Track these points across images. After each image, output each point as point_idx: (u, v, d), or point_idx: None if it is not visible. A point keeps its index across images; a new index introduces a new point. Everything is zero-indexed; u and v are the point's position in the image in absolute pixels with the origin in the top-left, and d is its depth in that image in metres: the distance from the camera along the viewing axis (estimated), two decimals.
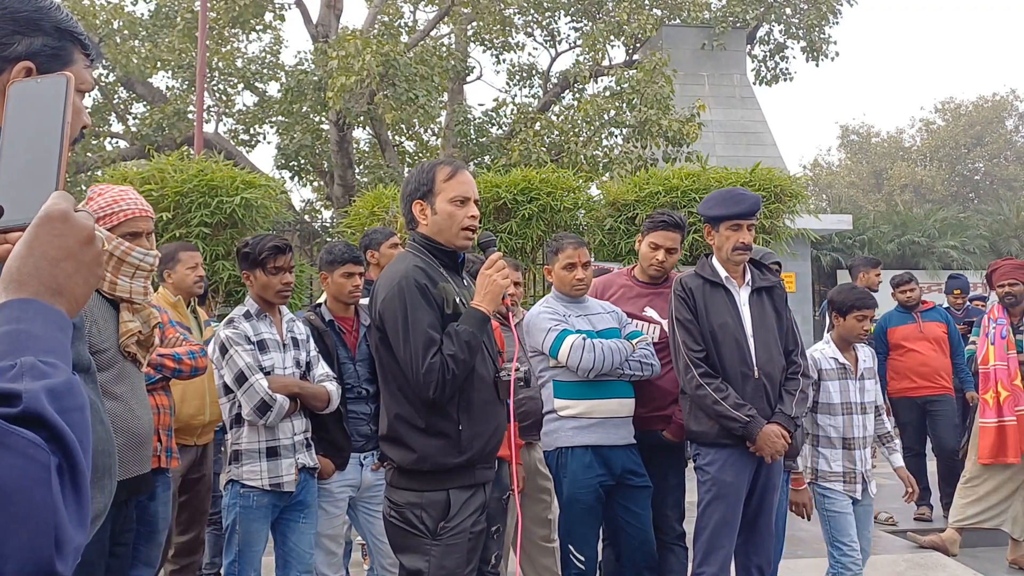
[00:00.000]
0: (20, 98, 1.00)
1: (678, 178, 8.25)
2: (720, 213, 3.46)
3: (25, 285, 0.86)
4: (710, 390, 3.29)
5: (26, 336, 0.83)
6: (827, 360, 3.77)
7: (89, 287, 0.91)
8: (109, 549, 2.53)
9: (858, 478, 3.71)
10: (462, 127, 14.38)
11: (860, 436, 3.72)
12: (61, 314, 0.87)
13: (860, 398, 3.75)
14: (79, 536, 0.77)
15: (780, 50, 17.34)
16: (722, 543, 3.32)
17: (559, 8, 16.60)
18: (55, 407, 0.78)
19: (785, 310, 3.54)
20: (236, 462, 3.18)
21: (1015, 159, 31.54)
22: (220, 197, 7.12)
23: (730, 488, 3.33)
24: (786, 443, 3.31)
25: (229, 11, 13.95)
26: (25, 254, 0.87)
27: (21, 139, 0.96)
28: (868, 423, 3.77)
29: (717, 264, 3.49)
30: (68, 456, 0.77)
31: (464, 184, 2.51)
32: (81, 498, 0.78)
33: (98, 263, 0.92)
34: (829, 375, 3.75)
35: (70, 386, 0.82)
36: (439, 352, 2.34)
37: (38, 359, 0.81)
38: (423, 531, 2.37)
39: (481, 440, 2.43)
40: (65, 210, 0.89)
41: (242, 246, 3.36)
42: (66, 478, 0.76)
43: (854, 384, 3.75)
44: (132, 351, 2.57)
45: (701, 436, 3.40)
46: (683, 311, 3.43)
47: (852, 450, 3.71)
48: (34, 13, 1.30)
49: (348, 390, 3.48)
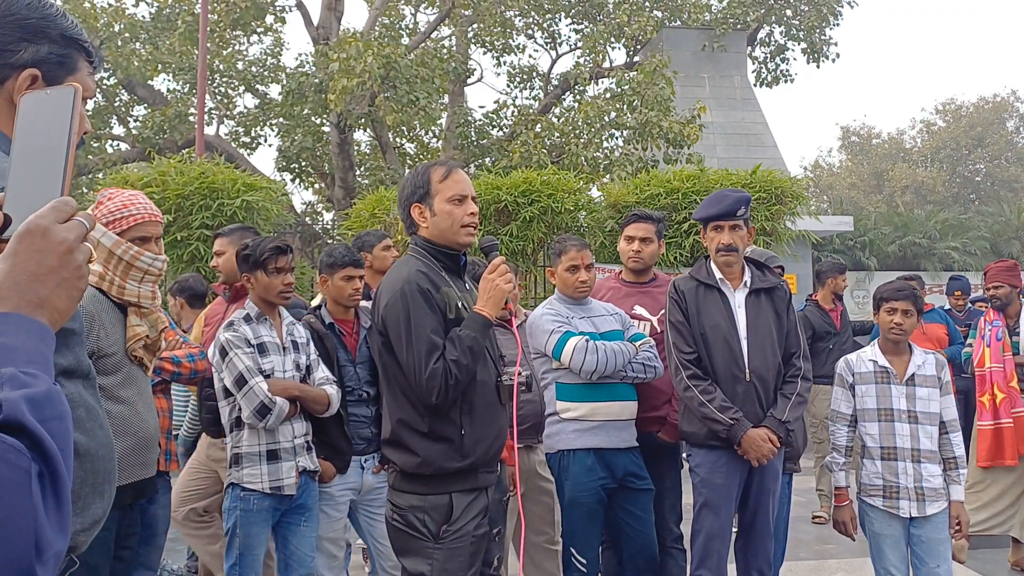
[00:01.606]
0: (30, 109, 1.02)
1: (679, 180, 8.25)
2: (702, 215, 3.49)
3: (6, 299, 0.88)
4: (697, 392, 3.29)
5: (7, 348, 0.84)
6: (864, 363, 3.48)
7: (71, 299, 0.93)
8: (114, 552, 2.53)
9: (903, 493, 3.32)
10: (463, 129, 14.39)
11: (905, 447, 3.33)
12: (43, 326, 0.89)
13: (906, 405, 3.36)
14: (59, 542, 0.77)
15: (781, 51, 17.35)
16: (717, 545, 3.31)
17: (560, 10, 16.61)
18: (35, 415, 0.79)
19: (787, 312, 3.50)
20: (236, 465, 3.17)
21: (1016, 160, 31.52)
22: (221, 199, 7.13)
23: (720, 491, 3.32)
24: (774, 447, 3.27)
25: (230, 13, 13.96)
26: (6, 269, 0.89)
27: (30, 149, 0.98)
28: (922, 435, 3.33)
29: (712, 266, 3.49)
30: (48, 463, 0.78)
31: (459, 182, 2.51)
32: (62, 505, 0.79)
33: (80, 276, 0.93)
34: (865, 379, 3.46)
35: (50, 395, 0.84)
36: (442, 357, 2.34)
37: (19, 370, 0.83)
38: (426, 534, 2.37)
39: (484, 444, 2.43)
40: (45, 226, 0.90)
41: (242, 248, 3.36)
42: (47, 485, 0.77)
43: (897, 389, 3.39)
44: (139, 355, 2.57)
45: (692, 437, 3.41)
46: (675, 313, 3.43)
47: (893, 461, 3.34)
48: (41, 21, 1.31)
49: (348, 393, 3.48)
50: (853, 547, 5.61)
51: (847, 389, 3.52)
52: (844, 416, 3.51)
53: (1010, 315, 5.22)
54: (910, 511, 3.32)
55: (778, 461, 3.41)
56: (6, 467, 0.74)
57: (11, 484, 0.74)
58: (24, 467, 0.75)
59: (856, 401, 3.47)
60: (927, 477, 3.33)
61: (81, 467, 1.27)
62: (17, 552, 0.73)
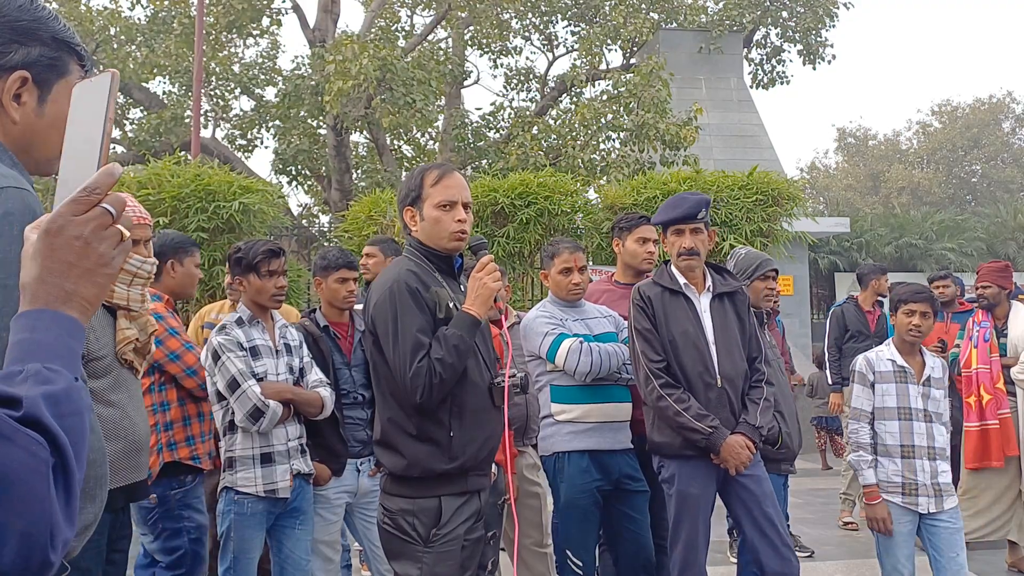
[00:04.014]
0: (77, 99, 1.05)
1: (675, 181, 8.26)
2: (661, 219, 3.41)
3: (37, 297, 0.94)
4: (671, 401, 3.18)
5: (35, 344, 0.91)
6: (883, 362, 3.51)
7: (99, 286, 0.97)
8: (106, 556, 2.53)
9: (921, 490, 3.39)
10: (459, 131, 14.39)
11: (923, 445, 3.40)
12: (71, 320, 0.94)
13: (923, 405, 3.43)
14: (68, 532, 0.84)
15: (777, 53, 17.37)
16: (697, 557, 3.24)
17: (556, 12, 16.62)
18: (53, 412, 0.85)
19: (747, 316, 3.42)
20: (230, 469, 3.16)
21: (1012, 161, 31.59)
22: (217, 202, 7.11)
23: (697, 501, 3.23)
24: (751, 453, 3.20)
25: (226, 16, 13.97)
26: (32, 268, 0.95)
27: (76, 139, 1.03)
28: (936, 433, 3.43)
29: (675, 271, 3.39)
30: (62, 458, 0.84)
31: (450, 188, 2.47)
32: (71, 498, 0.85)
33: (103, 263, 0.96)
34: (885, 377, 3.48)
35: (69, 392, 0.89)
36: (427, 356, 2.33)
37: (44, 365, 0.89)
38: (415, 538, 2.36)
39: (474, 446, 2.41)
40: (60, 225, 0.94)
41: (234, 251, 3.34)
42: (60, 478, 0.84)
43: (915, 389, 3.45)
44: (129, 358, 2.57)
45: (664, 447, 3.29)
46: (642, 320, 3.32)
47: (912, 459, 3.39)
48: (32, 23, 1.30)
49: (344, 395, 3.48)
50: (850, 547, 5.62)
51: (868, 387, 3.52)
52: (866, 413, 3.51)
53: (999, 316, 5.22)
54: (928, 507, 3.39)
55: (757, 467, 3.30)
56: (30, 457, 0.81)
57: (35, 473, 0.81)
58: (44, 458, 0.82)
59: (876, 399, 3.49)
60: (941, 474, 3.43)
61: None
62: (36, 534, 0.80)
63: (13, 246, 1.14)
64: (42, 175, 1.38)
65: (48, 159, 1.35)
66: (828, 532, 6.02)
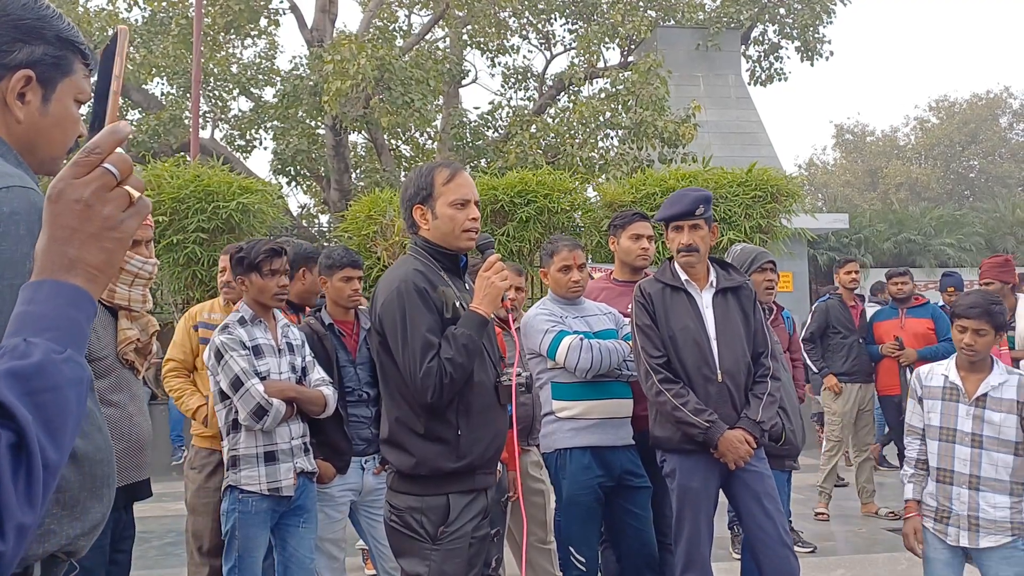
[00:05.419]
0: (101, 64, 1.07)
1: (674, 179, 8.27)
2: (661, 216, 3.42)
3: (42, 269, 0.90)
4: (669, 396, 3.20)
5: (29, 316, 0.87)
6: (936, 376, 3.18)
7: (106, 251, 0.91)
8: (109, 556, 2.53)
9: (953, 520, 3.03)
10: (458, 130, 14.39)
11: (963, 472, 3.02)
12: (74, 288, 0.89)
13: (971, 428, 3.03)
14: (26, 516, 0.77)
15: (774, 50, 17.37)
16: (700, 550, 3.24)
17: (554, 10, 16.61)
18: (18, 389, 0.80)
19: (753, 311, 3.42)
20: (234, 468, 3.17)
21: (1010, 156, 31.61)
22: (217, 202, 7.12)
23: (698, 495, 3.24)
24: (750, 449, 3.20)
25: (224, 17, 13.94)
26: (40, 239, 0.91)
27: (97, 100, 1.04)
28: (985, 461, 2.99)
29: (677, 267, 3.40)
30: (20, 435, 0.78)
31: (463, 186, 2.49)
32: (32, 478, 0.79)
33: (110, 226, 0.91)
34: (932, 393, 3.16)
35: (43, 367, 0.83)
36: (437, 356, 2.33)
37: (25, 338, 0.84)
38: (423, 536, 2.36)
39: (481, 445, 2.42)
40: (59, 189, 0.91)
41: (236, 251, 3.35)
42: (22, 457, 0.78)
43: (964, 409, 3.06)
44: (130, 359, 2.57)
45: (666, 442, 3.31)
46: (642, 316, 3.34)
47: (947, 485, 3.06)
48: (36, 22, 1.30)
49: (349, 394, 3.48)
50: (853, 544, 5.62)
51: (917, 402, 3.24)
52: (916, 430, 3.23)
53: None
54: (959, 539, 3.03)
55: (760, 463, 3.31)
56: None
57: None
58: None
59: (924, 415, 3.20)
60: (986, 507, 2.98)
61: (79, 471, 1.26)
62: None
63: (19, 246, 1.14)
64: (47, 174, 1.38)
65: (53, 158, 1.35)
66: (831, 528, 6.03)
